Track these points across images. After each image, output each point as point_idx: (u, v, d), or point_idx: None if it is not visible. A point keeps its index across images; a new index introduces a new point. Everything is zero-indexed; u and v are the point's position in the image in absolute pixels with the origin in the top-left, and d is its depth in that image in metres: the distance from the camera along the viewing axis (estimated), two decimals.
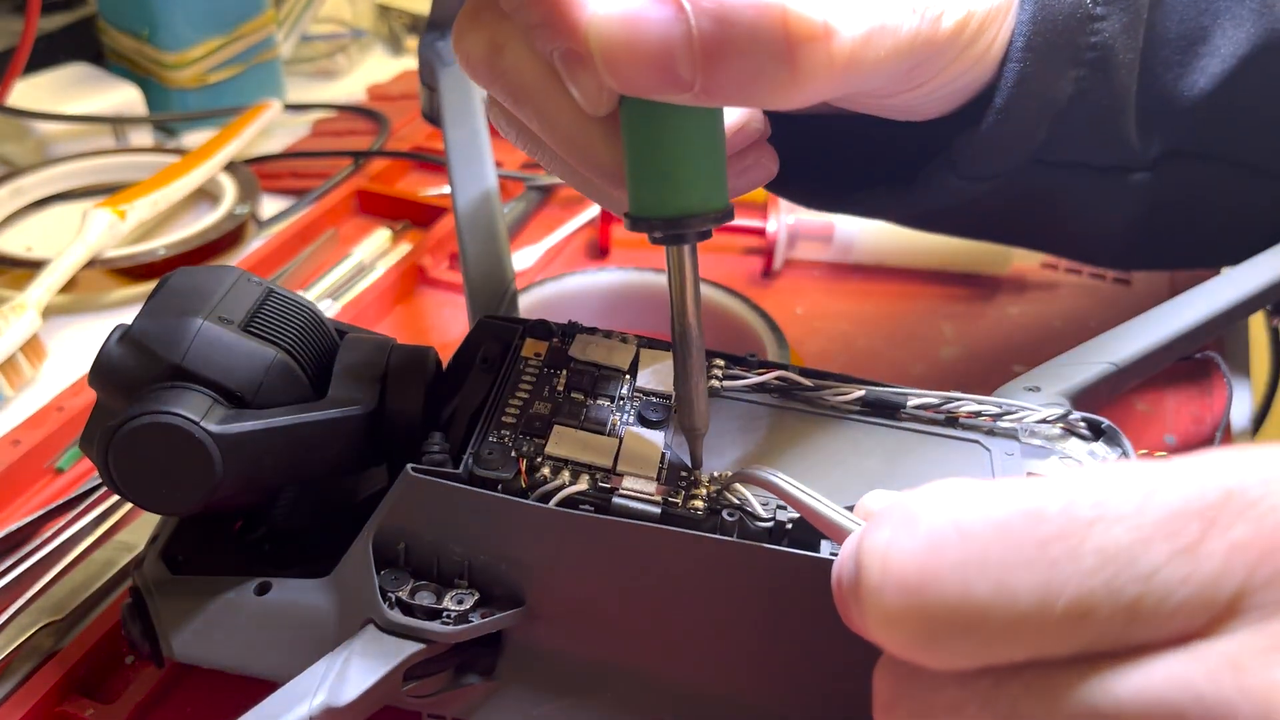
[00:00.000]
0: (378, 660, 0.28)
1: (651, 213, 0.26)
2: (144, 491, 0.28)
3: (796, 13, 0.23)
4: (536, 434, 0.30)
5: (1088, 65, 0.34)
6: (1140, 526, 0.17)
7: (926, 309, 0.56)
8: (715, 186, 0.26)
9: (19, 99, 0.64)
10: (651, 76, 0.23)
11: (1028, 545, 0.18)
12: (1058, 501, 0.18)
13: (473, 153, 0.45)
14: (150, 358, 0.29)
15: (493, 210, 0.43)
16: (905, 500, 0.19)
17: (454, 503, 0.28)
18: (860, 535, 0.20)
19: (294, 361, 0.30)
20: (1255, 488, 0.17)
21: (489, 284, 0.40)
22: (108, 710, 0.33)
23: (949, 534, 0.18)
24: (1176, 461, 0.18)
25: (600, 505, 0.28)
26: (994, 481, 0.19)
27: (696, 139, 0.25)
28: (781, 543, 0.27)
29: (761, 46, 0.23)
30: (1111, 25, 0.33)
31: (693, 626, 0.29)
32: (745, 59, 0.23)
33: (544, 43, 0.26)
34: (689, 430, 0.29)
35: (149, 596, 0.30)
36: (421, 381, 0.32)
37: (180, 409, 0.28)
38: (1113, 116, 0.36)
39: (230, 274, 0.32)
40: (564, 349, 0.33)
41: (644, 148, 0.26)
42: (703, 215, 0.26)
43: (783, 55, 0.23)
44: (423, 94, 0.52)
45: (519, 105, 0.28)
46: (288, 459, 0.29)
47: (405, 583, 0.29)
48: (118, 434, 0.28)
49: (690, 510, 0.28)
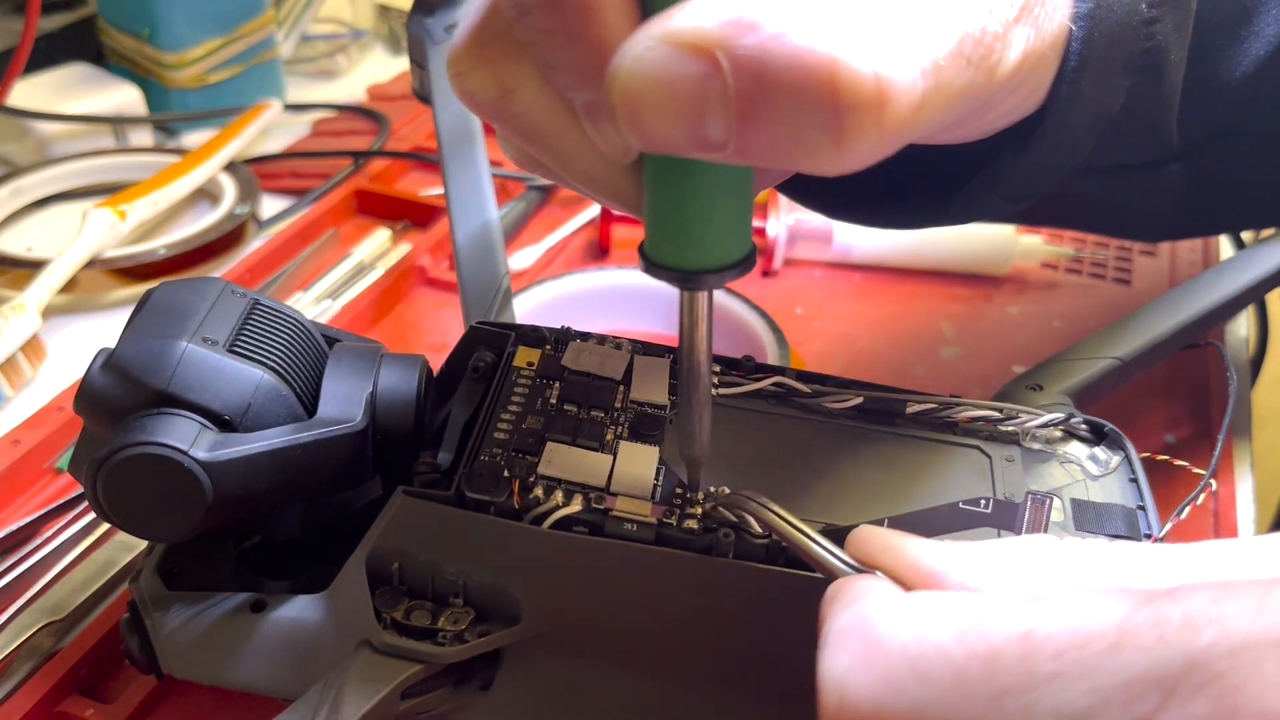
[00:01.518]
0: (374, 683, 0.28)
1: (670, 263, 0.24)
2: (135, 520, 0.28)
3: (848, 72, 0.19)
4: (529, 451, 0.29)
5: (1140, 72, 0.31)
6: (1098, 690, 0.17)
7: (926, 309, 0.56)
8: (739, 238, 0.24)
9: (19, 99, 0.64)
10: (680, 136, 0.20)
11: (983, 696, 0.18)
12: (1016, 648, 0.18)
13: (464, 133, 0.45)
14: (135, 384, 0.28)
15: (484, 189, 0.43)
16: (866, 614, 0.20)
17: (447, 524, 0.28)
18: (821, 655, 0.20)
19: (282, 380, 0.30)
20: (1220, 661, 0.16)
21: (482, 263, 0.40)
22: (107, 710, 0.33)
23: (905, 674, 0.18)
24: (1145, 600, 0.18)
25: (594, 527, 0.28)
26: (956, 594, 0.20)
27: (724, 196, 0.23)
28: (778, 561, 0.27)
29: (805, 112, 0.20)
30: (1165, 27, 0.31)
31: (688, 644, 0.29)
32: (787, 123, 0.20)
33: (565, 88, 0.23)
34: (688, 459, 0.28)
35: (145, 612, 0.30)
36: (411, 395, 0.31)
37: (167, 439, 0.27)
38: (1158, 116, 0.33)
39: (214, 287, 0.31)
40: (557, 358, 0.33)
41: (667, 201, 0.24)
42: (724, 268, 0.24)
43: (829, 123, 0.20)
44: (413, 72, 0.52)
45: (533, 144, 0.25)
46: (279, 481, 0.29)
47: (400, 602, 0.29)
48: (105, 465, 0.27)
49: (685, 530, 0.27)
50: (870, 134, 0.20)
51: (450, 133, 0.45)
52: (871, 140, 0.20)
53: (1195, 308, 0.37)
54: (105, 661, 0.35)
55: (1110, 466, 0.31)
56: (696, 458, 0.28)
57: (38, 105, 0.64)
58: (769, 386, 0.32)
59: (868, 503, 0.29)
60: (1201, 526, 0.43)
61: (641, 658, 0.29)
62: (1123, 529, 0.29)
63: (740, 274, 0.24)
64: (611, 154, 0.24)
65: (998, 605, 0.19)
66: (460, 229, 0.41)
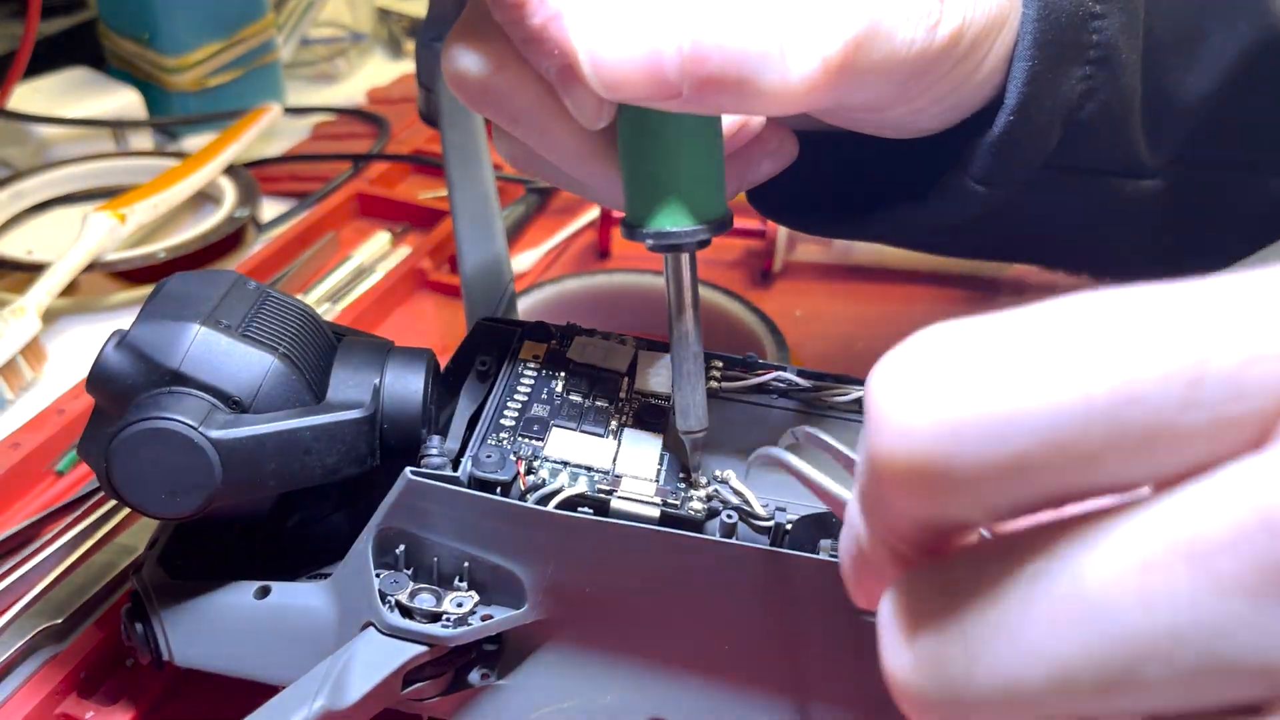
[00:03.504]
0: (378, 663, 0.28)
1: (646, 223, 0.26)
2: (143, 497, 0.28)
3: (761, 63, 0.23)
4: (535, 436, 0.30)
5: (1093, 63, 0.33)
6: None
7: (926, 310, 0.56)
8: (711, 196, 0.26)
9: (19, 103, 0.64)
10: (639, 83, 0.23)
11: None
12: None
13: (470, 153, 0.45)
14: (148, 364, 0.29)
15: (490, 211, 0.43)
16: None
17: (453, 506, 0.28)
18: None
19: (292, 365, 0.30)
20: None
21: (487, 285, 0.40)
22: (108, 712, 0.33)
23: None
24: None
25: (599, 507, 0.28)
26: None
27: (691, 149, 0.25)
28: (781, 543, 0.27)
29: (737, 83, 0.23)
30: (1111, 24, 0.33)
31: (692, 626, 0.29)
32: (734, 62, 0.23)
33: (538, 58, 0.26)
34: (686, 433, 0.29)
35: (148, 601, 0.30)
36: (419, 384, 0.32)
37: (179, 415, 0.28)
38: (1121, 118, 0.35)
39: (227, 278, 0.32)
40: (562, 352, 0.33)
41: (638, 159, 0.26)
42: (698, 226, 0.26)
43: (774, 61, 0.24)
44: (420, 95, 0.52)
45: (517, 125, 0.28)
46: (287, 463, 0.29)
47: (405, 585, 0.29)
48: (116, 440, 0.28)
49: (689, 512, 0.28)
50: (814, 68, 0.24)
51: (458, 155, 0.46)
52: (817, 75, 0.24)
53: None
54: (105, 663, 0.35)
55: None
56: (693, 431, 0.28)
57: (38, 109, 0.64)
58: (771, 381, 0.32)
59: None
60: None
61: (645, 641, 0.29)
62: None
63: (715, 233, 0.26)
64: (587, 118, 0.26)
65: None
66: (466, 241, 0.42)
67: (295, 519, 0.32)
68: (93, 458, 0.28)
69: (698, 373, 0.28)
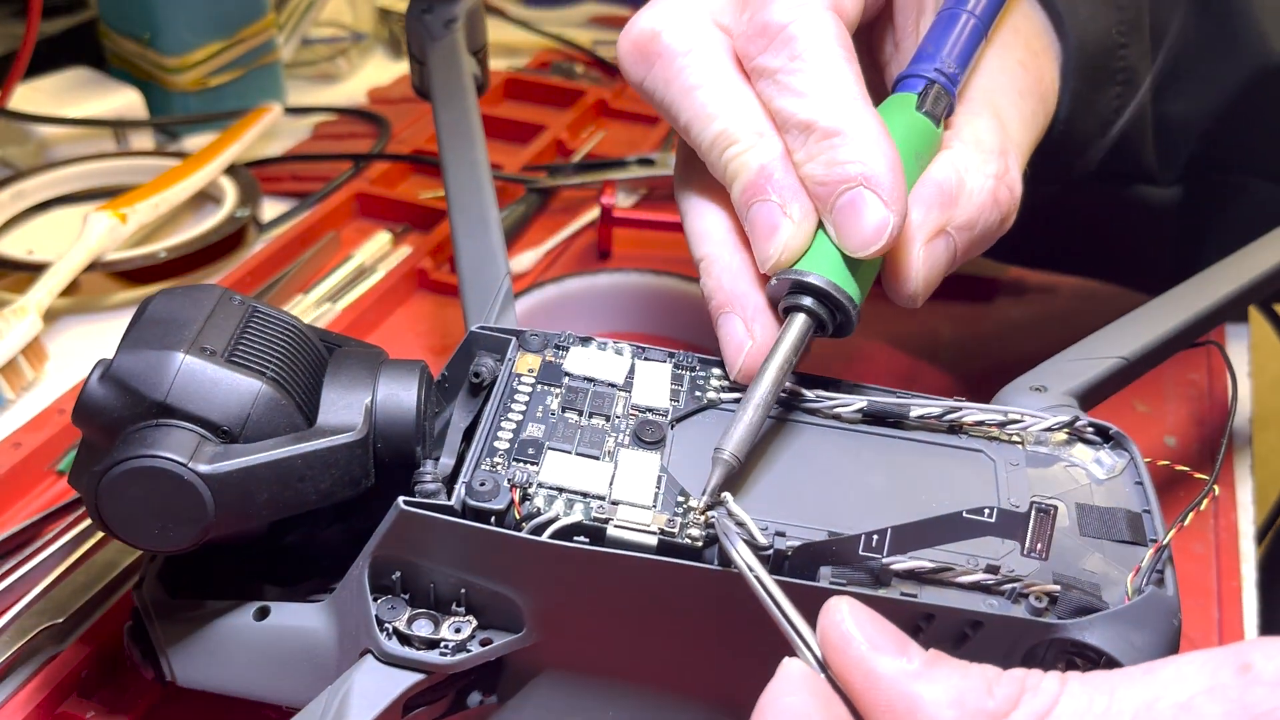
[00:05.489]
0: (377, 694, 0.27)
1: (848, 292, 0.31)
2: (136, 534, 0.28)
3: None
4: (530, 460, 0.29)
5: (1121, 85, 0.40)
6: None
7: (926, 311, 0.55)
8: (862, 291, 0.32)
9: (20, 102, 0.64)
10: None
11: None
12: None
13: (463, 128, 0.45)
14: (133, 396, 0.28)
15: (484, 187, 0.42)
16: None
17: (447, 534, 0.28)
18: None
19: (281, 389, 0.30)
20: None
21: (482, 260, 0.39)
22: (108, 713, 0.33)
23: None
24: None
25: (595, 536, 0.27)
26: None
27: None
28: (781, 570, 0.27)
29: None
30: (1131, 52, 0.39)
31: (691, 651, 0.29)
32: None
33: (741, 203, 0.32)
34: (718, 452, 0.28)
35: (148, 620, 0.30)
36: (412, 400, 0.31)
37: (167, 451, 0.27)
38: (1142, 131, 0.41)
39: (210, 295, 0.31)
40: (557, 364, 0.33)
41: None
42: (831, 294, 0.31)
43: None
44: (412, 67, 0.51)
45: (700, 247, 0.34)
46: (280, 491, 0.29)
47: (402, 611, 0.28)
48: (105, 479, 0.27)
49: (687, 539, 0.27)
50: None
51: (450, 129, 0.45)
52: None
53: (1195, 307, 0.37)
54: (106, 664, 0.35)
55: (1115, 470, 0.31)
56: (724, 455, 0.28)
57: (39, 109, 0.64)
58: None
59: (871, 508, 0.29)
60: (1202, 530, 0.43)
61: (644, 665, 0.29)
62: (1127, 535, 0.29)
63: (843, 314, 0.32)
64: (764, 263, 0.31)
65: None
66: (460, 227, 0.41)
67: (293, 536, 0.32)
68: (83, 489, 0.28)
69: (756, 407, 0.29)
